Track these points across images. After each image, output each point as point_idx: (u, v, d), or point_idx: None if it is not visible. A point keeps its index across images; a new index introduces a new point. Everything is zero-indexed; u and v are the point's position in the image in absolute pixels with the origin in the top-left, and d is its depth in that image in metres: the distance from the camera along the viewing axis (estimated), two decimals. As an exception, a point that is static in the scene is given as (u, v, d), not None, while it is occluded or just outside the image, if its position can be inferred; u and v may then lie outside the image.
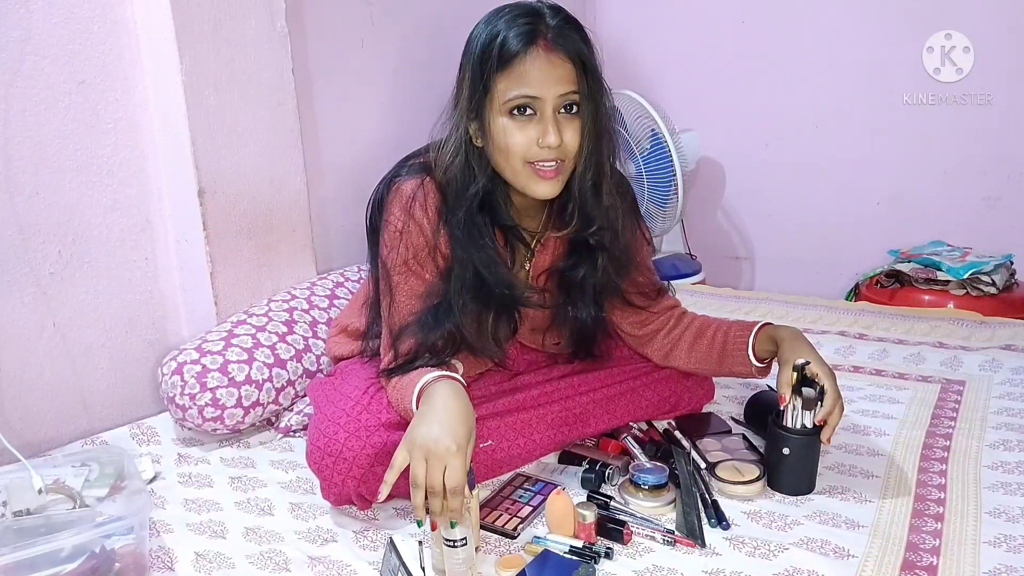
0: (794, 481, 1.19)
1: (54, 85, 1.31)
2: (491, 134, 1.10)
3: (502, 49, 1.06)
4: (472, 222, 1.15)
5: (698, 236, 2.77)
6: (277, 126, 1.60)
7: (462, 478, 0.95)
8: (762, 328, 1.26)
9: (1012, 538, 1.06)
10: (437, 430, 0.97)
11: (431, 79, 2.07)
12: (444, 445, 0.96)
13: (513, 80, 1.06)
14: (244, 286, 1.58)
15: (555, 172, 1.11)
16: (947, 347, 1.78)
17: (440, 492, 0.95)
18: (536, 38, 1.06)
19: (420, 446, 0.96)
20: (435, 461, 0.95)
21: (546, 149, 1.08)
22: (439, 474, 0.95)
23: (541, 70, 1.06)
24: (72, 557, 0.95)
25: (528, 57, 1.06)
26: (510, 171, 1.12)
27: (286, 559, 1.06)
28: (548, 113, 1.08)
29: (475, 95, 1.09)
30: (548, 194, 1.13)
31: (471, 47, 1.11)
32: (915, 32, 2.36)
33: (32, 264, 1.32)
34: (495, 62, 1.06)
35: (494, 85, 1.07)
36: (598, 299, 1.29)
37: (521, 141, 1.08)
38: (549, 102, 1.07)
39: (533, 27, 1.06)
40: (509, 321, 1.24)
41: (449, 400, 1.02)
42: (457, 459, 0.95)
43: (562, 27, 1.08)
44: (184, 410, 1.34)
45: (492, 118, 1.09)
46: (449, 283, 1.16)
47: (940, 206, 2.46)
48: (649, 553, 1.06)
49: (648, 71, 2.76)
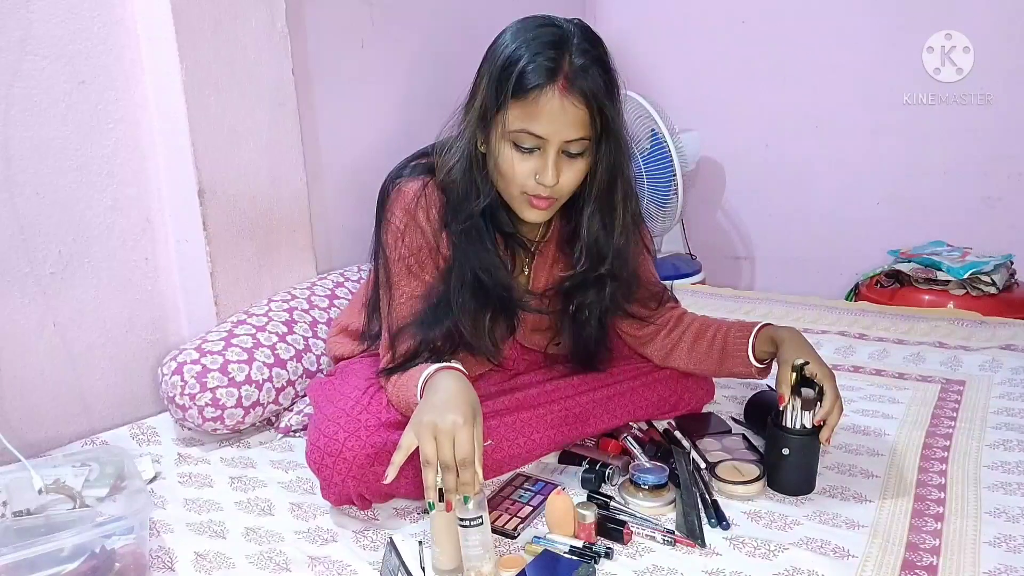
0: (794, 481, 1.19)
1: (54, 85, 1.31)
2: (494, 155, 1.10)
3: (520, 79, 1.04)
4: (475, 227, 1.15)
5: (698, 236, 2.77)
6: (277, 126, 1.60)
7: (471, 449, 0.95)
8: (762, 329, 1.26)
9: (1012, 538, 1.06)
10: (442, 409, 0.98)
11: (432, 79, 2.07)
12: (451, 420, 0.96)
13: (524, 113, 1.05)
14: (244, 286, 1.58)
15: (547, 204, 1.12)
16: (947, 347, 1.78)
17: (452, 466, 0.95)
18: (556, 77, 1.03)
19: (427, 424, 0.97)
20: (443, 437, 0.95)
21: (541, 186, 1.08)
22: (449, 448, 0.95)
23: (552, 112, 1.04)
24: (72, 557, 0.95)
25: (543, 96, 1.03)
26: (506, 194, 1.14)
27: (286, 559, 1.06)
28: (551, 153, 1.07)
29: (486, 112, 1.09)
30: (537, 220, 1.15)
31: (494, 57, 1.08)
32: (915, 32, 2.36)
33: (32, 264, 1.32)
34: (511, 88, 1.04)
35: (505, 110, 1.06)
36: (603, 318, 1.30)
37: (520, 171, 1.09)
38: (554, 144, 1.06)
39: (555, 64, 1.03)
40: (507, 322, 1.24)
41: (452, 385, 1.03)
42: (464, 431, 0.96)
43: (586, 68, 1.04)
44: (184, 410, 1.34)
45: (497, 140, 1.09)
46: (449, 282, 1.16)
47: (940, 206, 2.46)
48: (649, 553, 1.06)
49: (648, 71, 2.76)
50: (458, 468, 0.95)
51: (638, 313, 1.34)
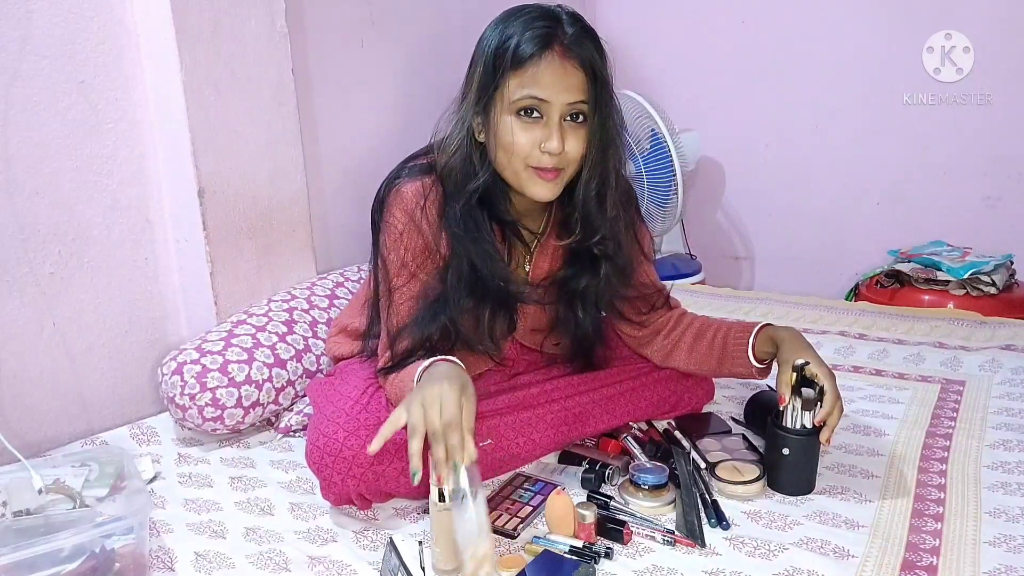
0: (794, 481, 1.19)
1: (54, 85, 1.31)
2: (496, 131, 1.10)
3: (517, 49, 1.06)
4: (470, 216, 1.15)
5: (698, 236, 2.77)
6: (277, 126, 1.60)
7: (457, 411, 0.95)
8: (762, 329, 1.26)
9: (1012, 538, 1.06)
10: (431, 384, 0.98)
11: (431, 79, 2.07)
12: (437, 389, 0.97)
13: (525, 81, 1.07)
14: (244, 286, 1.58)
15: (554, 175, 1.11)
16: (947, 347, 1.78)
17: (439, 431, 0.94)
18: (552, 42, 1.06)
19: (415, 395, 0.98)
20: (430, 402, 0.95)
21: (547, 155, 1.09)
22: (436, 413, 0.95)
23: (554, 74, 1.06)
24: (72, 557, 0.95)
25: (543, 60, 1.06)
26: (510, 171, 1.12)
27: (286, 559, 1.06)
28: (555, 119, 1.08)
29: (484, 91, 1.10)
30: (546, 196, 1.13)
31: (483, 45, 1.11)
32: (915, 32, 2.36)
33: (32, 264, 1.32)
34: (509, 61, 1.07)
35: (505, 83, 1.08)
36: (599, 307, 1.29)
37: (525, 142, 1.09)
38: (557, 108, 1.08)
39: (550, 31, 1.07)
40: (506, 317, 1.24)
41: (444, 367, 1.04)
42: (450, 395, 0.96)
43: (579, 35, 1.08)
44: (184, 410, 1.34)
45: (499, 115, 1.10)
46: (446, 279, 1.16)
47: (940, 206, 2.47)
48: (649, 553, 1.06)
49: (648, 71, 2.77)
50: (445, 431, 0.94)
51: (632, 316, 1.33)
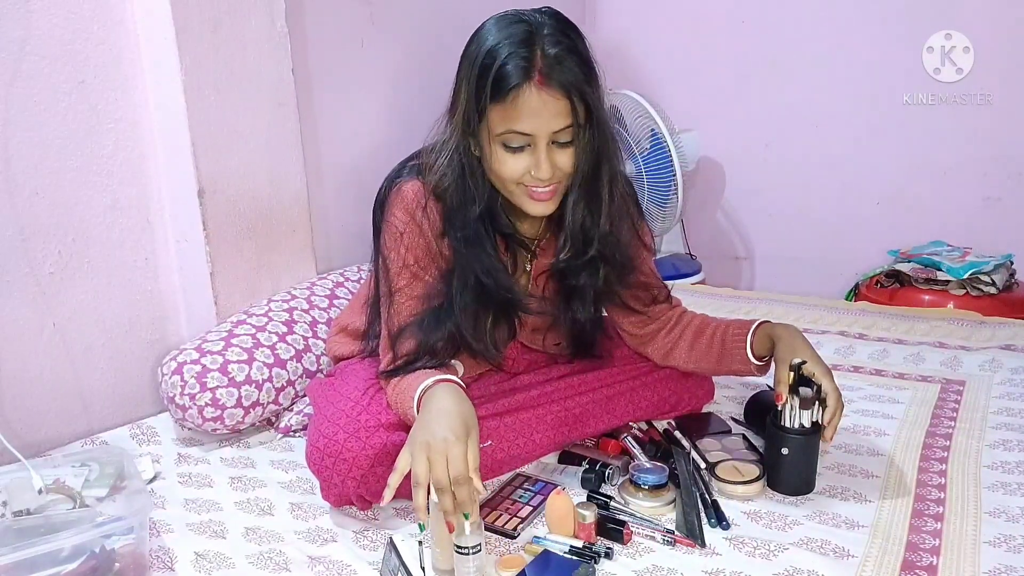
0: (794, 481, 1.19)
1: (54, 85, 1.31)
2: (486, 155, 1.10)
3: (496, 80, 1.04)
4: (475, 231, 1.15)
5: (698, 236, 2.77)
6: (277, 126, 1.60)
7: (464, 466, 0.95)
8: (760, 326, 1.26)
9: (1012, 538, 1.06)
10: (435, 428, 0.97)
11: (431, 79, 2.06)
12: (442, 437, 0.96)
13: (506, 114, 1.05)
14: (244, 286, 1.58)
15: (550, 194, 1.12)
16: (947, 347, 1.78)
17: (446, 486, 0.94)
18: (531, 73, 1.03)
19: (420, 444, 0.96)
20: (436, 456, 0.95)
21: (539, 180, 1.09)
22: (442, 467, 0.94)
23: (533, 109, 1.04)
24: (72, 557, 0.95)
25: (521, 95, 1.03)
26: (505, 191, 1.14)
27: (286, 559, 1.06)
28: (541, 146, 1.07)
29: (470, 119, 1.09)
30: (543, 213, 1.15)
31: (470, 57, 1.08)
32: (915, 32, 2.36)
33: (32, 264, 1.32)
34: (489, 91, 1.04)
35: (488, 113, 1.06)
36: (597, 302, 1.30)
37: (514, 168, 1.09)
38: (543, 137, 1.06)
39: (528, 62, 1.03)
40: (508, 325, 1.24)
41: (446, 402, 1.02)
42: (457, 448, 0.95)
43: (560, 56, 1.03)
44: (184, 410, 1.34)
45: (486, 143, 1.09)
46: (450, 285, 1.16)
47: (940, 206, 2.47)
48: (649, 553, 1.06)
49: (648, 71, 2.77)
50: (454, 487, 0.94)
51: (635, 306, 1.33)
